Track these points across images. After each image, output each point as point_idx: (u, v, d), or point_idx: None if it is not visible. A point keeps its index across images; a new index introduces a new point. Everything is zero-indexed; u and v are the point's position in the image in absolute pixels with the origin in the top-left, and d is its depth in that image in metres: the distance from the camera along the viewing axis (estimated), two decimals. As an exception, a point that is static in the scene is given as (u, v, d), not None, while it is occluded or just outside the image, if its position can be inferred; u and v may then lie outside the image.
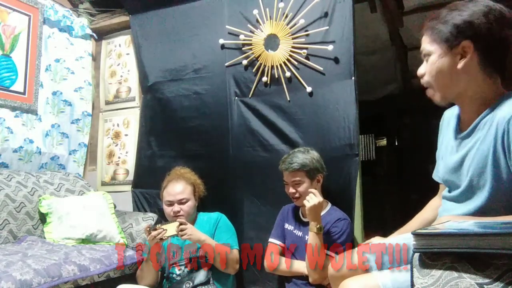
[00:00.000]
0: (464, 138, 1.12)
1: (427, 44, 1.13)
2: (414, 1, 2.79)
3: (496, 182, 1.02)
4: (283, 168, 1.86)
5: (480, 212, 1.06)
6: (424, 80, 1.15)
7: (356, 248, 1.37)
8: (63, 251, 1.88)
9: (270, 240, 1.97)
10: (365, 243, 1.08)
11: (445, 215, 1.16)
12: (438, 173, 1.31)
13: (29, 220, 2.20)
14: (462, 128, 1.16)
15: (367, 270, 1.25)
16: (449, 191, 1.21)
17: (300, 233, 1.88)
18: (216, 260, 1.93)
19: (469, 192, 1.10)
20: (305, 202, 1.72)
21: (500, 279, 0.71)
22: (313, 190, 1.75)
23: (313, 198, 1.70)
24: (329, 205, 1.90)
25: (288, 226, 1.94)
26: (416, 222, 1.40)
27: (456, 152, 1.15)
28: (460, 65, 1.06)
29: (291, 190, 1.85)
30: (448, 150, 1.21)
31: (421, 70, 1.16)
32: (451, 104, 1.22)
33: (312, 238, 1.70)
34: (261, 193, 2.24)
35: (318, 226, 1.69)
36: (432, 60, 1.11)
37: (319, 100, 2.14)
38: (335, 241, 1.76)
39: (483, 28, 1.03)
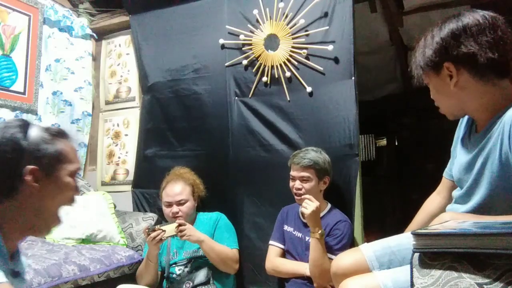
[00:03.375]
0: (477, 139, 1.12)
1: (424, 76, 1.15)
2: (414, 1, 2.79)
3: (500, 180, 1.01)
4: (295, 162, 1.82)
5: (481, 209, 1.06)
6: (437, 105, 1.19)
7: (359, 246, 1.38)
8: (63, 251, 1.88)
9: (271, 242, 1.97)
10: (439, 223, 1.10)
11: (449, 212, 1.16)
12: (450, 171, 1.31)
13: (29, 220, 2.19)
14: (477, 129, 1.16)
15: (368, 270, 1.26)
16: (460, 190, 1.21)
17: (300, 234, 1.87)
18: (215, 260, 1.93)
19: (472, 190, 1.10)
20: (302, 209, 1.70)
21: (500, 279, 0.71)
22: (307, 195, 1.72)
23: (310, 204, 1.67)
24: (329, 205, 1.89)
25: (288, 228, 1.94)
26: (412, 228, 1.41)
27: (469, 152, 1.15)
28: (451, 85, 1.07)
29: (298, 185, 1.80)
30: (463, 149, 1.21)
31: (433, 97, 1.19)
32: None
33: (314, 244, 1.68)
34: (261, 193, 2.24)
35: (320, 232, 1.67)
36: (431, 87, 1.15)
37: (319, 100, 2.13)
38: (336, 244, 1.74)
39: (455, 47, 1.04)
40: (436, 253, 0.80)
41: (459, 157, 1.22)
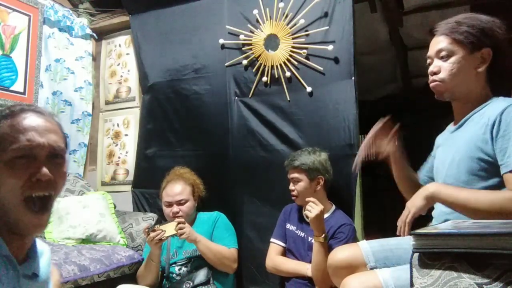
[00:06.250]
0: (454, 131, 1.22)
1: (449, 44, 1.18)
2: (414, 1, 2.79)
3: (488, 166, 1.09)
4: (286, 164, 1.90)
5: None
6: (439, 77, 1.19)
7: (358, 242, 1.39)
8: (63, 251, 1.88)
9: (272, 240, 1.97)
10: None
11: (447, 217, 1.17)
12: (427, 173, 1.46)
13: (29, 220, 2.19)
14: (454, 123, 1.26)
15: (363, 264, 1.29)
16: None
17: (302, 234, 1.87)
18: (212, 259, 1.93)
19: (468, 179, 1.14)
20: (307, 213, 1.69)
21: (499, 279, 0.71)
22: (311, 198, 1.70)
23: (314, 208, 1.65)
24: (333, 207, 1.89)
25: (290, 226, 1.94)
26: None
27: (448, 146, 1.24)
28: (481, 69, 1.15)
29: (291, 187, 1.87)
30: (442, 149, 1.30)
31: (435, 68, 1.20)
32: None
33: (318, 247, 1.67)
34: (261, 193, 2.24)
35: (323, 235, 1.67)
36: (454, 60, 1.17)
37: (319, 100, 2.13)
38: None
39: (500, 38, 1.13)
40: (436, 253, 0.80)
41: (438, 156, 1.32)
